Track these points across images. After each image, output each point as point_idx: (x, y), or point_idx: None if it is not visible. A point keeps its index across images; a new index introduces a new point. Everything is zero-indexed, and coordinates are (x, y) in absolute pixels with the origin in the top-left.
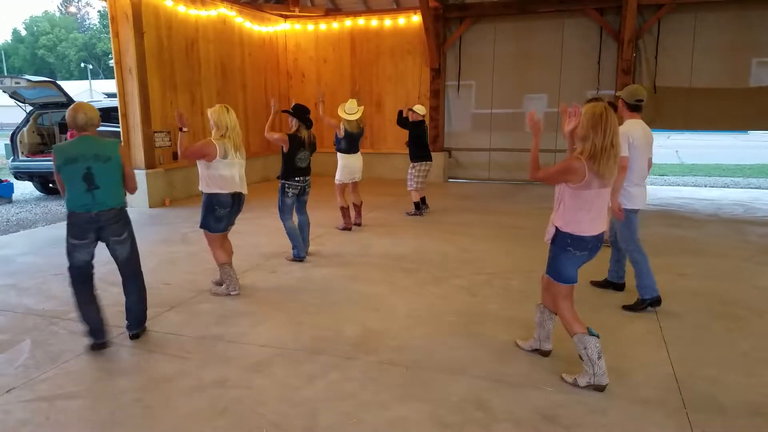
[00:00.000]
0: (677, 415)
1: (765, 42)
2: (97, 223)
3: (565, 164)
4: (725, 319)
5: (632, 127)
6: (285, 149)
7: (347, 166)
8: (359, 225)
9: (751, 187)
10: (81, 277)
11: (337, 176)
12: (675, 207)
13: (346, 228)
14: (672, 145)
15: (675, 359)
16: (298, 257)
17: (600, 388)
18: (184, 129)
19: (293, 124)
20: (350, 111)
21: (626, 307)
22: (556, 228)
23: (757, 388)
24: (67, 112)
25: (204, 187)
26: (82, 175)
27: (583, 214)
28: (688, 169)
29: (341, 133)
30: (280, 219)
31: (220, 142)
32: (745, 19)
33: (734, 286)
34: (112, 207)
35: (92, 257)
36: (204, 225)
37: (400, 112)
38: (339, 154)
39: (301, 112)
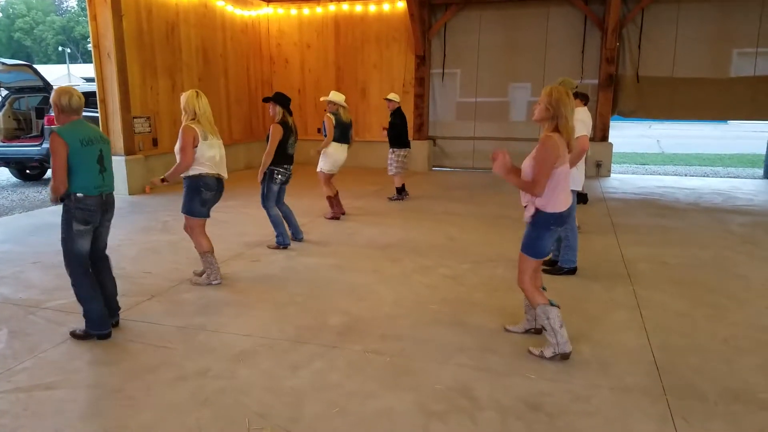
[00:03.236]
0: (659, 402)
1: (746, 33)
2: (105, 205)
3: (546, 152)
4: (706, 308)
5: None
6: (278, 137)
7: (337, 156)
8: (344, 213)
9: (731, 177)
10: (85, 266)
11: (324, 166)
12: (657, 196)
13: (335, 217)
14: (653, 135)
15: (656, 347)
16: (283, 244)
17: (565, 356)
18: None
19: (277, 111)
20: (339, 98)
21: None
22: (537, 210)
23: (737, 375)
24: (60, 96)
25: (194, 171)
26: (97, 157)
27: (559, 191)
28: (669, 158)
29: (333, 123)
30: (264, 206)
31: (194, 124)
32: (727, 10)
33: (715, 275)
34: (113, 189)
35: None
36: (188, 210)
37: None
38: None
39: (283, 101)
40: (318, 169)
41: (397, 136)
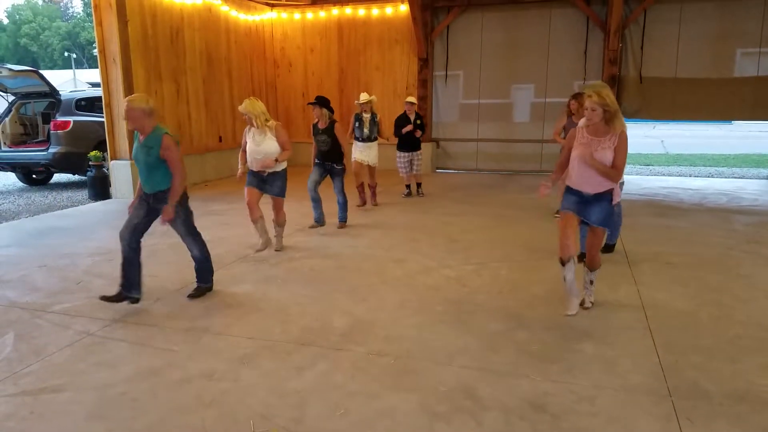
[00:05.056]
0: (663, 402)
1: (749, 32)
2: None
3: (627, 145)
4: (711, 307)
5: None
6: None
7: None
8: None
9: (735, 177)
10: None
11: (377, 161)
12: (661, 196)
13: (364, 203)
14: (657, 135)
15: (661, 347)
16: (320, 223)
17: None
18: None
19: (323, 113)
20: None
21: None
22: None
23: (741, 375)
24: (148, 101)
25: (285, 163)
26: None
27: None
28: (673, 159)
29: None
30: (343, 193)
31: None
32: (730, 10)
33: (719, 274)
34: None
35: None
36: (285, 192)
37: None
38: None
39: (327, 103)
40: (375, 164)
41: (415, 138)
